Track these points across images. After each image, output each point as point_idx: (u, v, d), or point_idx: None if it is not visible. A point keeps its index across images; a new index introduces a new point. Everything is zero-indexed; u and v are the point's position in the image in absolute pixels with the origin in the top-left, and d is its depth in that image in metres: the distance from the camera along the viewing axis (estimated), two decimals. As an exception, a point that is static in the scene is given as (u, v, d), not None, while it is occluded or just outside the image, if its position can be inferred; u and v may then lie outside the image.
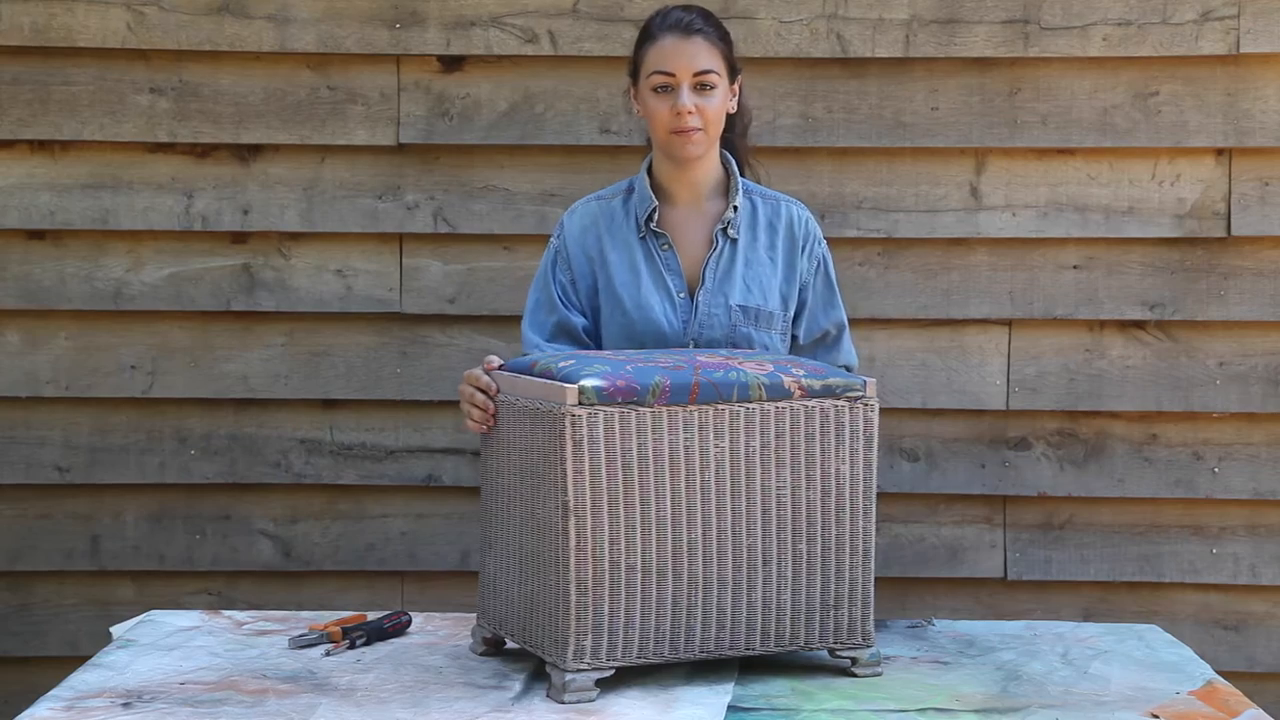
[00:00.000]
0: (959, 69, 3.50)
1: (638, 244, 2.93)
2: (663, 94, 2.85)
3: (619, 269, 2.92)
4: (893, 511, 3.53)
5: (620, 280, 2.92)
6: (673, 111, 2.84)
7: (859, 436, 2.56)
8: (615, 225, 2.95)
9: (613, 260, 2.93)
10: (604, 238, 2.94)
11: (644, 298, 2.90)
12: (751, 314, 2.90)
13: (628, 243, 2.93)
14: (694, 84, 2.85)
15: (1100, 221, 3.51)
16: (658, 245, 2.92)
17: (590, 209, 2.98)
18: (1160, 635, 2.92)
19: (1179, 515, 3.56)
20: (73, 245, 3.52)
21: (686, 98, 2.84)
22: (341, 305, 3.53)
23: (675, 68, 2.84)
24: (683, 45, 2.85)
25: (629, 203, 2.96)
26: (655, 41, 2.87)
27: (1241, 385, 3.52)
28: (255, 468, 3.55)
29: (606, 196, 2.99)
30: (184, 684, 2.53)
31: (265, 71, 3.51)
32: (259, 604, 3.54)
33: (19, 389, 3.53)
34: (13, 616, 3.57)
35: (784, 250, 2.95)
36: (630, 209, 2.95)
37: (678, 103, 2.84)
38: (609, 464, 2.43)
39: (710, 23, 2.90)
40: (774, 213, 2.96)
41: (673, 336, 2.89)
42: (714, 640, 2.52)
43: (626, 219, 2.95)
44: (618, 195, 2.98)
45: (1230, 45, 3.46)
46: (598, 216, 2.96)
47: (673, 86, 2.85)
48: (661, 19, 2.90)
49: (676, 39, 2.86)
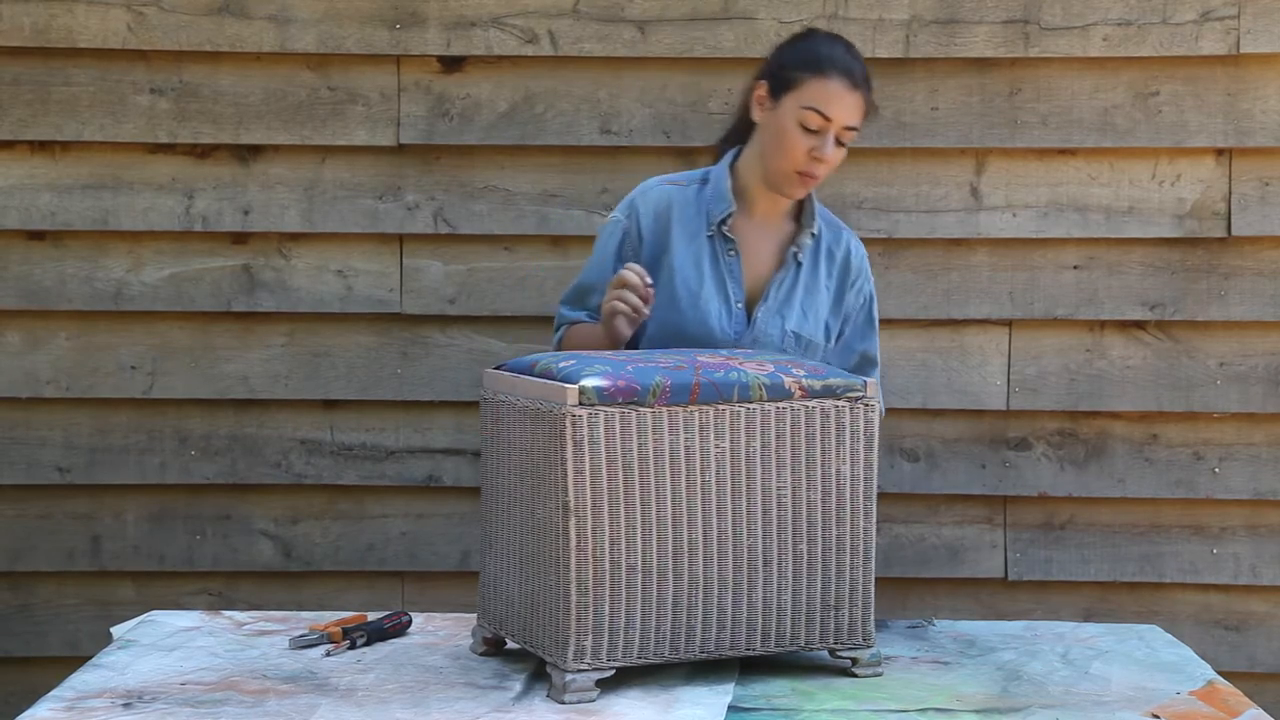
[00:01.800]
0: (959, 69, 3.50)
1: (705, 241, 2.89)
2: (808, 132, 2.80)
3: (683, 263, 2.88)
4: (893, 511, 3.53)
5: (682, 275, 2.88)
6: (810, 154, 2.80)
7: (859, 437, 2.56)
8: (686, 215, 2.90)
9: (678, 252, 2.89)
10: (674, 226, 2.90)
11: (703, 299, 2.87)
12: (803, 342, 2.89)
13: (696, 237, 2.90)
14: (838, 134, 2.81)
15: (1101, 221, 3.51)
16: (725, 249, 2.89)
17: (665, 193, 2.92)
18: (1161, 635, 2.92)
19: (1179, 515, 3.55)
20: (73, 246, 3.52)
21: (831, 149, 2.80)
22: (342, 306, 3.53)
23: (834, 115, 2.79)
24: (847, 96, 2.80)
25: (702, 194, 2.91)
26: (824, 78, 2.80)
27: (1242, 385, 3.52)
28: (256, 468, 3.55)
29: (680, 183, 2.94)
30: (184, 684, 2.53)
31: (265, 72, 3.51)
32: (259, 604, 3.54)
33: (19, 389, 3.53)
34: (13, 617, 3.57)
35: (836, 281, 2.94)
36: (703, 202, 2.91)
37: (822, 151, 2.80)
38: (609, 464, 2.43)
39: (866, 75, 2.84)
40: (834, 240, 2.95)
41: (722, 344, 2.86)
42: (714, 640, 2.52)
43: (698, 212, 2.90)
44: (691, 184, 2.93)
45: (1230, 45, 3.46)
46: (672, 202, 2.91)
47: (823, 132, 2.80)
48: (831, 53, 2.82)
49: (844, 87, 2.80)
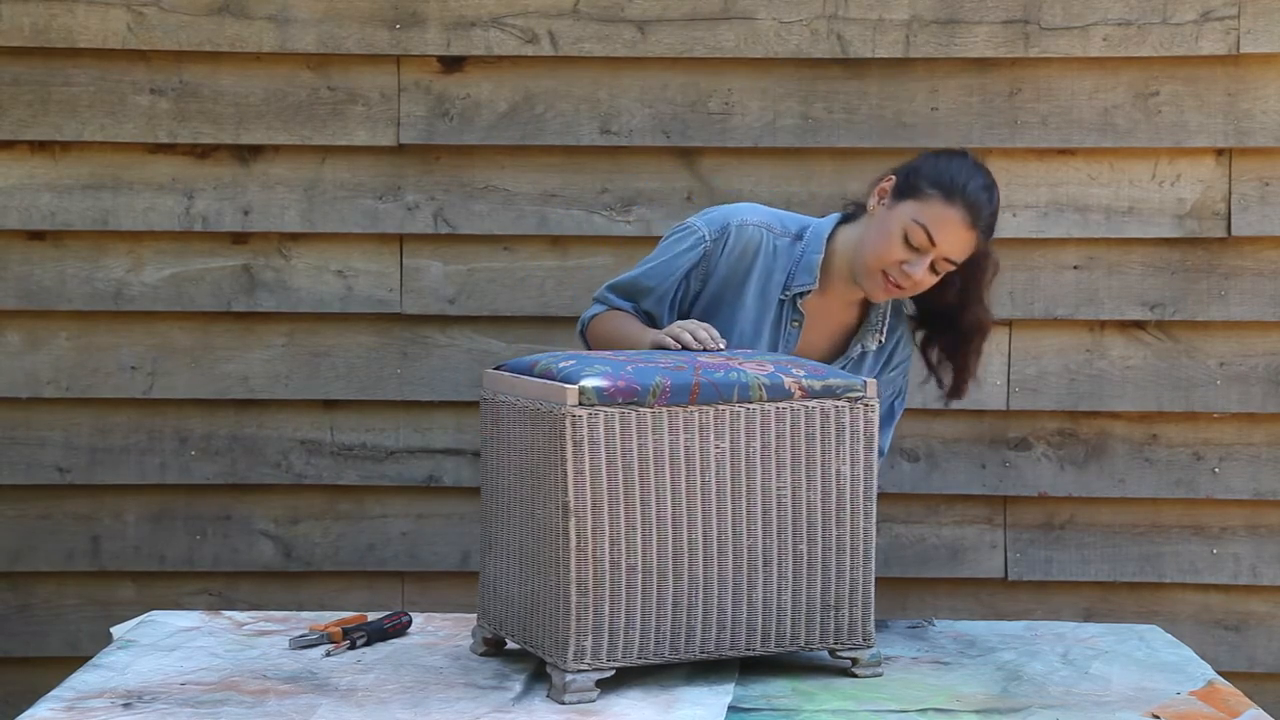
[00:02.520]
0: (959, 69, 3.50)
1: (775, 304, 2.88)
2: (909, 245, 2.77)
3: (746, 314, 2.88)
4: (893, 511, 3.53)
5: (740, 328, 2.87)
6: (900, 265, 2.78)
7: (859, 437, 2.56)
8: (769, 268, 2.88)
9: (747, 303, 2.88)
10: (754, 273, 2.88)
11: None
12: None
13: (767, 294, 2.88)
14: (936, 261, 2.79)
15: (1100, 222, 3.51)
16: (790, 319, 2.89)
17: (758, 236, 2.88)
18: (1161, 635, 2.92)
19: (1179, 515, 3.55)
20: (73, 246, 3.52)
21: (922, 270, 2.78)
22: (342, 306, 3.53)
23: (940, 242, 2.77)
24: (961, 231, 2.77)
25: (792, 251, 2.88)
26: (946, 202, 2.76)
27: (1242, 385, 3.52)
28: (256, 468, 3.55)
29: (777, 231, 2.89)
30: (184, 684, 2.53)
31: (265, 72, 3.51)
32: (259, 604, 3.54)
33: (19, 389, 3.53)
34: (13, 617, 3.57)
35: (880, 369, 2.95)
36: (790, 261, 2.88)
37: (913, 270, 2.77)
38: (609, 464, 2.42)
39: (991, 221, 2.81)
40: (891, 331, 2.94)
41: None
42: (714, 641, 2.52)
43: (780, 269, 2.88)
44: (786, 235, 2.90)
45: (1230, 45, 3.46)
46: (761, 249, 2.88)
47: (923, 250, 2.77)
48: (966, 184, 2.78)
49: (962, 222, 2.77)
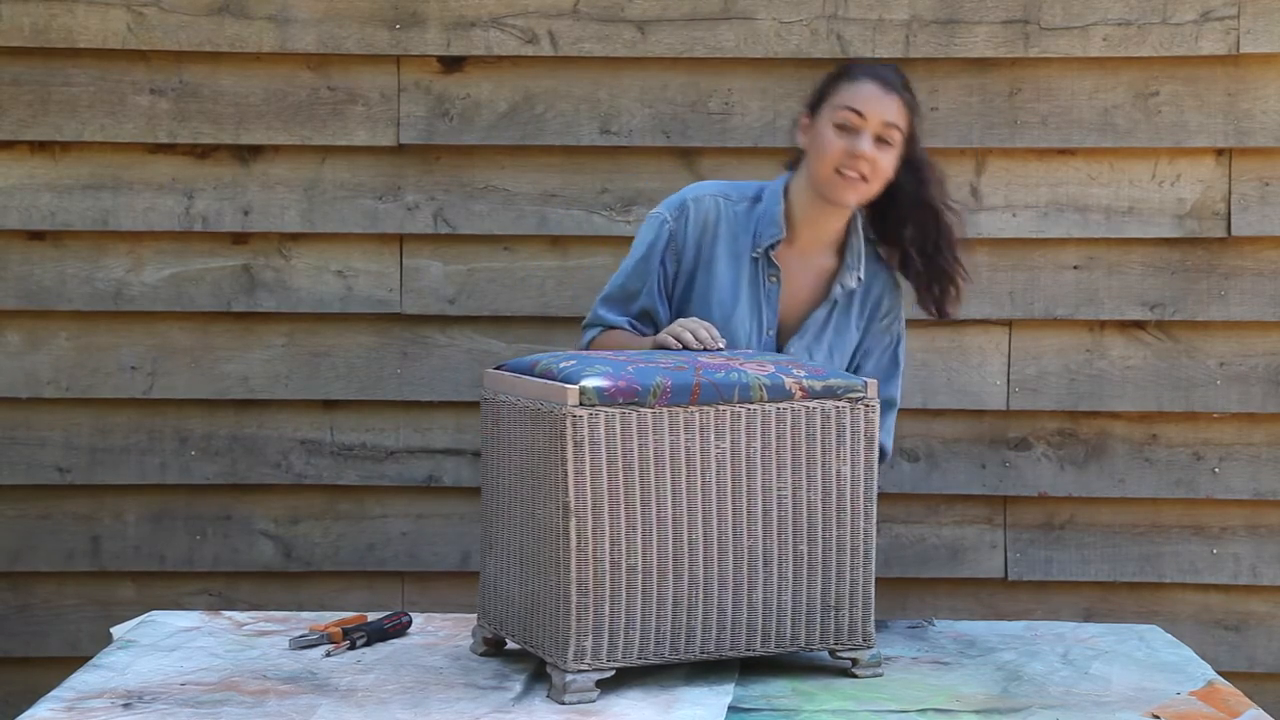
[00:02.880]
0: (959, 69, 3.50)
1: (748, 263, 2.90)
2: (843, 132, 2.83)
3: (722, 280, 2.90)
4: (893, 512, 3.53)
5: (719, 294, 2.89)
6: (847, 152, 2.82)
7: (859, 437, 2.56)
8: (733, 232, 2.91)
9: (719, 269, 2.90)
10: (719, 240, 2.91)
11: (735, 321, 2.88)
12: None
13: (739, 257, 2.90)
14: (877, 135, 2.83)
15: (1100, 222, 3.51)
16: (767, 274, 2.90)
17: (715, 205, 2.93)
18: (1161, 635, 2.92)
19: (1179, 515, 3.55)
20: (73, 246, 3.52)
21: (867, 143, 2.82)
22: (342, 306, 3.53)
23: (868, 111, 2.82)
24: (881, 95, 2.84)
25: (752, 213, 2.92)
26: (854, 82, 2.85)
27: (1242, 385, 3.52)
28: (256, 468, 3.55)
29: (733, 198, 2.95)
30: (184, 685, 2.53)
31: (265, 72, 3.51)
32: (259, 604, 3.54)
33: (19, 389, 3.53)
34: (13, 617, 3.56)
35: (867, 319, 2.96)
36: (752, 222, 2.92)
37: (857, 145, 2.82)
38: (610, 465, 2.43)
39: (909, 89, 2.89)
40: (874, 277, 2.96)
41: None
42: (714, 641, 2.52)
43: (745, 231, 2.91)
44: (743, 200, 2.94)
45: (1230, 45, 3.46)
46: (720, 216, 2.92)
47: (857, 129, 2.82)
48: (868, 67, 2.90)
49: (877, 88, 2.84)
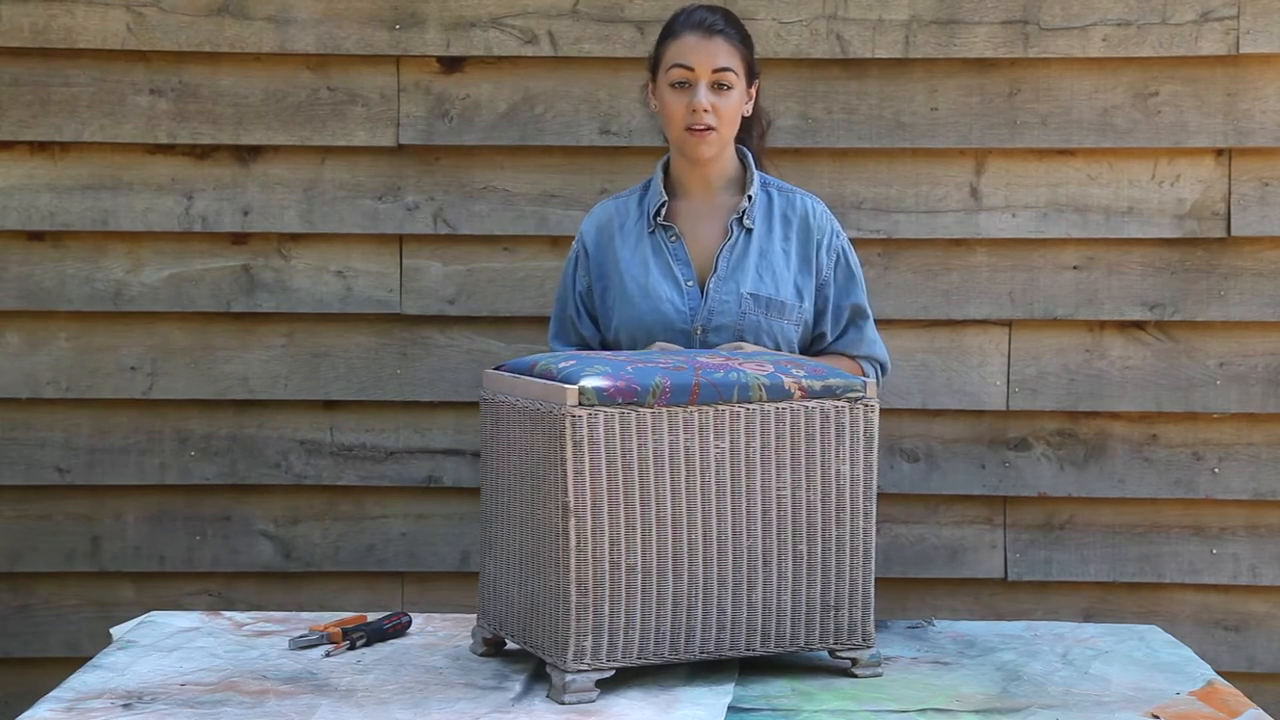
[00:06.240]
0: (959, 69, 3.50)
1: (647, 238, 2.96)
2: (680, 90, 2.89)
3: (630, 264, 2.96)
4: (893, 512, 3.53)
5: (630, 275, 2.95)
6: (688, 109, 2.88)
7: (859, 437, 2.56)
8: (628, 222, 2.99)
9: (624, 257, 2.96)
10: (617, 236, 2.98)
11: (652, 287, 2.93)
12: (763, 302, 2.92)
13: (639, 238, 2.97)
14: (711, 82, 2.88)
15: (1100, 222, 3.51)
16: (666, 237, 2.95)
17: (606, 209, 3.03)
18: (1160, 636, 2.92)
19: (1179, 515, 3.55)
20: (73, 246, 3.52)
21: (703, 95, 2.87)
22: (342, 306, 3.53)
23: (695, 63, 2.88)
24: (703, 43, 2.89)
25: (644, 200, 3.00)
26: (676, 38, 2.91)
27: (1241, 385, 3.52)
28: (255, 469, 3.55)
29: (624, 196, 3.04)
30: (184, 685, 2.53)
31: (265, 72, 3.51)
32: (259, 605, 3.54)
33: (19, 390, 3.53)
34: (13, 617, 3.57)
35: (798, 243, 2.97)
36: (644, 206, 2.99)
37: (694, 100, 2.87)
38: (609, 465, 2.43)
39: (732, 24, 2.93)
40: (789, 205, 2.99)
41: (680, 325, 2.91)
42: (714, 641, 2.52)
43: (640, 216, 2.99)
44: (634, 193, 3.03)
45: (1230, 45, 3.46)
46: (613, 215, 3.01)
47: (690, 83, 2.88)
48: (685, 16, 2.93)
49: (698, 37, 2.89)
